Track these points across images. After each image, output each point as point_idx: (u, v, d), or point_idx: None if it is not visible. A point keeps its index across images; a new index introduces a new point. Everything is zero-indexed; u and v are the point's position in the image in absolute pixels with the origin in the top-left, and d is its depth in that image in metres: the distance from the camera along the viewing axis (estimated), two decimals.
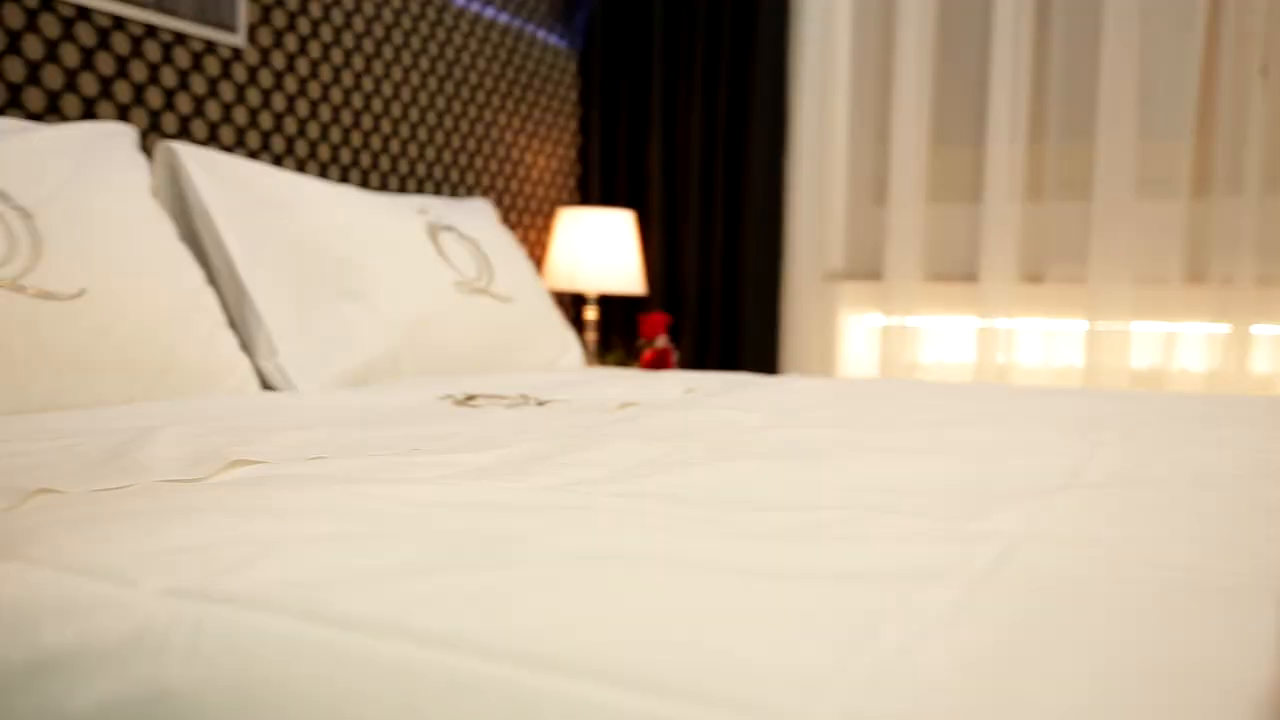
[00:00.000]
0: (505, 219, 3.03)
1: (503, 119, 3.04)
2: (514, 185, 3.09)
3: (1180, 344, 2.76)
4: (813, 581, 0.66)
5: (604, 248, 2.98)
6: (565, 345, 2.54)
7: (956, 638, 0.56)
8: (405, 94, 2.68)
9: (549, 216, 3.23)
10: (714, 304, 3.22)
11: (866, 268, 3.16)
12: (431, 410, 1.56)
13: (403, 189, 2.68)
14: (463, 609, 0.61)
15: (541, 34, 3.20)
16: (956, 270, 3.02)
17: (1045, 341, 2.94)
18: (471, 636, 0.57)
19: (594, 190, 3.35)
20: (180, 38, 2.09)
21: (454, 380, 1.99)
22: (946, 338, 3.09)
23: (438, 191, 2.80)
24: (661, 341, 2.92)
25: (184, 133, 2.10)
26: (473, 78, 2.92)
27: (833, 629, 0.57)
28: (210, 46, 2.15)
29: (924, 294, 3.04)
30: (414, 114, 2.71)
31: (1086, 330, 2.83)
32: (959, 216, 3.02)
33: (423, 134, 2.74)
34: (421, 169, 2.74)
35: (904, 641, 0.55)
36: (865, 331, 3.23)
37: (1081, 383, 2.85)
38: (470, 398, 1.69)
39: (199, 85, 2.13)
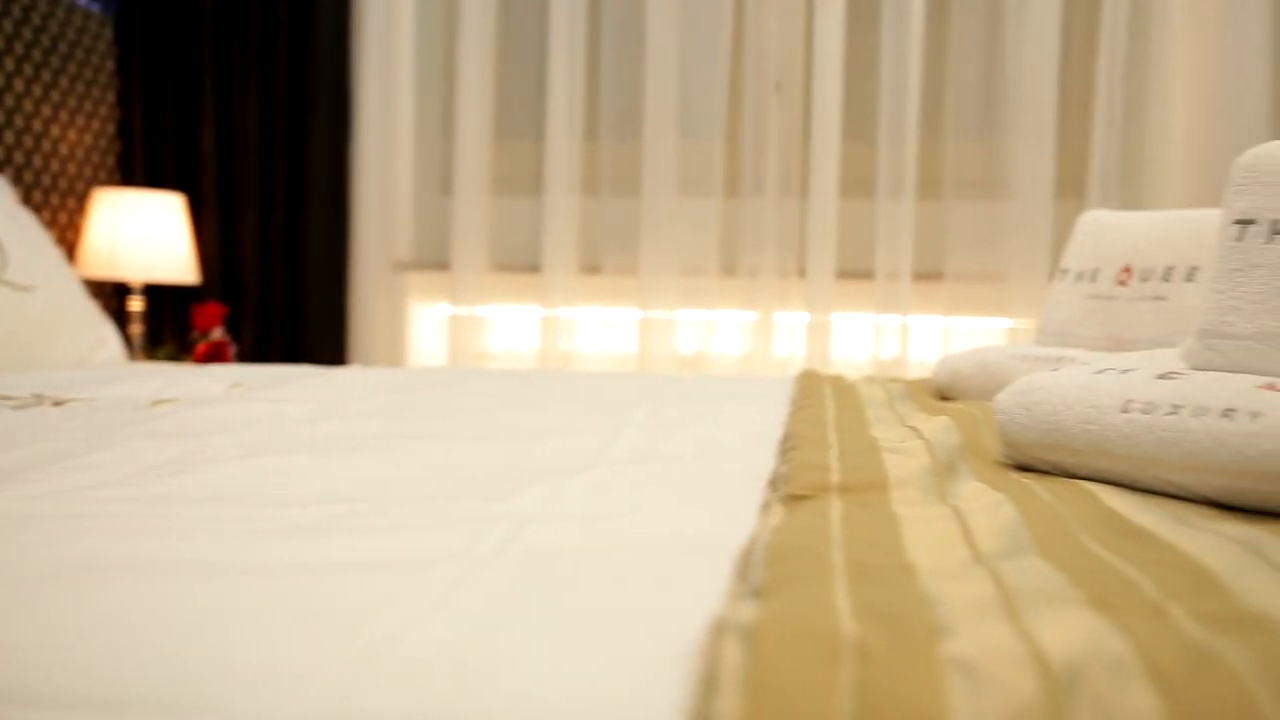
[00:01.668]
0: (27, 200, 2.70)
1: (19, 85, 2.69)
2: (37, 162, 2.75)
3: (718, 330, 3.05)
4: (314, 575, 0.65)
5: (150, 233, 2.74)
6: (102, 339, 2.32)
7: (447, 620, 0.58)
8: None
9: (84, 198, 2.92)
10: (276, 294, 3.08)
11: (434, 258, 3.17)
12: None
13: None
14: None
15: None
16: (520, 261, 3.12)
17: (603, 329, 3.12)
18: None
19: (138, 170, 3.07)
20: None
21: None
22: (513, 327, 3.18)
23: None
24: (217, 334, 2.75)
25: None
26: None
27: (322, 622, 0.57)
28: None
29: (490, 284, 3.11)
30: None
31: (639, 318, 3.04)
32: (522, 209, 3.12)
33: None
34: None
35: (393, 629, 0.56)
36: (434, 321, 3.25)
37: (636, 367, 3.06)
38: None
39: None
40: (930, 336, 2.97)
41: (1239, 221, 0.99)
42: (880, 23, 2.88)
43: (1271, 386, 0.89)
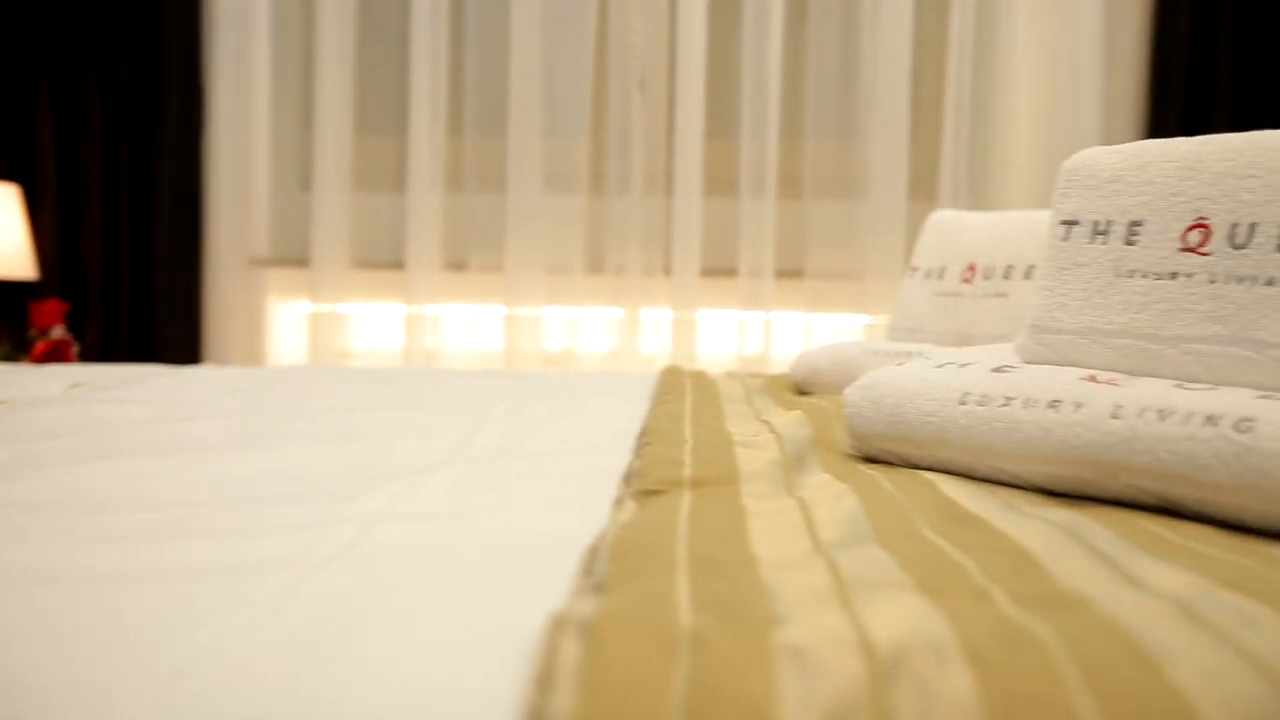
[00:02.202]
0: None
1: None
2: None
3: (584, 327, 3.05)
4: (144, 582, 0.63)
5: None
6: None
7: (279, 624, 0.57)
8: None
9: None
10: (123, 291, 2.95)
11: (293, 254, 3.08)
12: None
13: None
14: None
15: None
16: (383, 258, 3.06)
17: (470, 326, 3.09)
18: None
19: None
20: None
21: None
22: (376, 324, 3.12)
23: None
24: (58, 332, 2.62)
25: None
26: None
27: (144, 631, 0.55)
28: None
29: (352, 281, 3.04)
30: None
31: (505, 315, 3.02)
32: (384, 205, 3.06)
33: None
34: None
35: (220, 636, 0.54)
36: (294, 319, 3.16)
37: (502, 365, 3.04)
38: None
39: None
40: (792, 332, 3.04)
41: (1065, 222, 1.04)
42: (741, 23, 2.93)
43: (1093, 378, 0.94)
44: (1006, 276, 1.65)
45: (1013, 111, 2.97)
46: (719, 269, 2.99)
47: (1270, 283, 0.88)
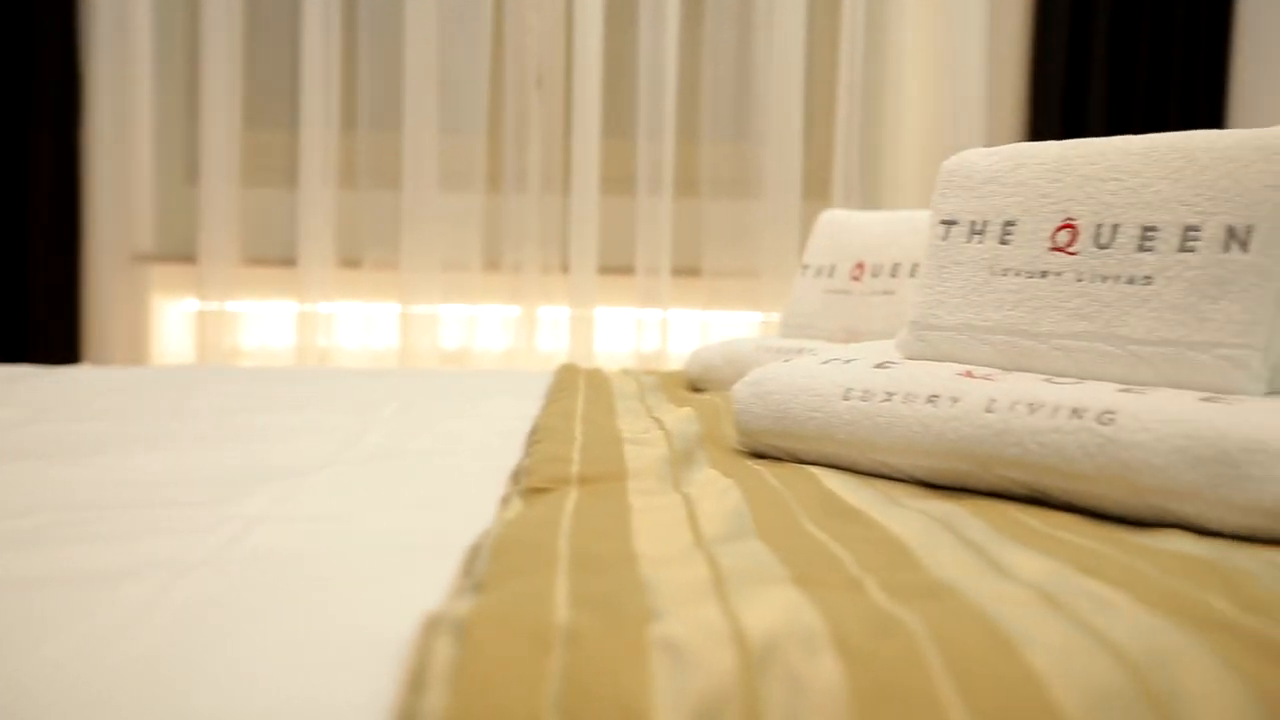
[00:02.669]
0: None
1: None
2: None
3: (481, 325, 3.03)
4: (3, 590, 0.60)
5: None
6: None
7: (145, 631, 0.55)
8: None
9: None
10: None
11: (179, 250, 2.98)
12: None
13: None
14: None
15: None
16: (275, 255, 2.99)
17: (364, 325, 3.03)
18: None
19: None
20: None
21: None
22: (267, 322, 3.04)
23: None
24: None
25: None
26: None
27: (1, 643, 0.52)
28: None
29: (242, 278, 2.96)
30: None
31: (400, 313, 2.97)
32: (275, 200, 2.98)
33: None
34: None
35: (82, 644, 0.53)
36: (181, 317, 3.06)
37: (398, 363, 2.99)
38: None
39: None
40: (690, 330, 3.06)
41: (943, 222, 1.07)
42: (638, 24, 2.94)
43: (970, 374, 0.97)
44: (894, 274, 1.69)
45: (902, 114, 3.05)
46: (616, 267, 3.00)
47: (1131, 281, 0.91)
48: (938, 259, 1.07)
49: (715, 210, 3.02)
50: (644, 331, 3.01)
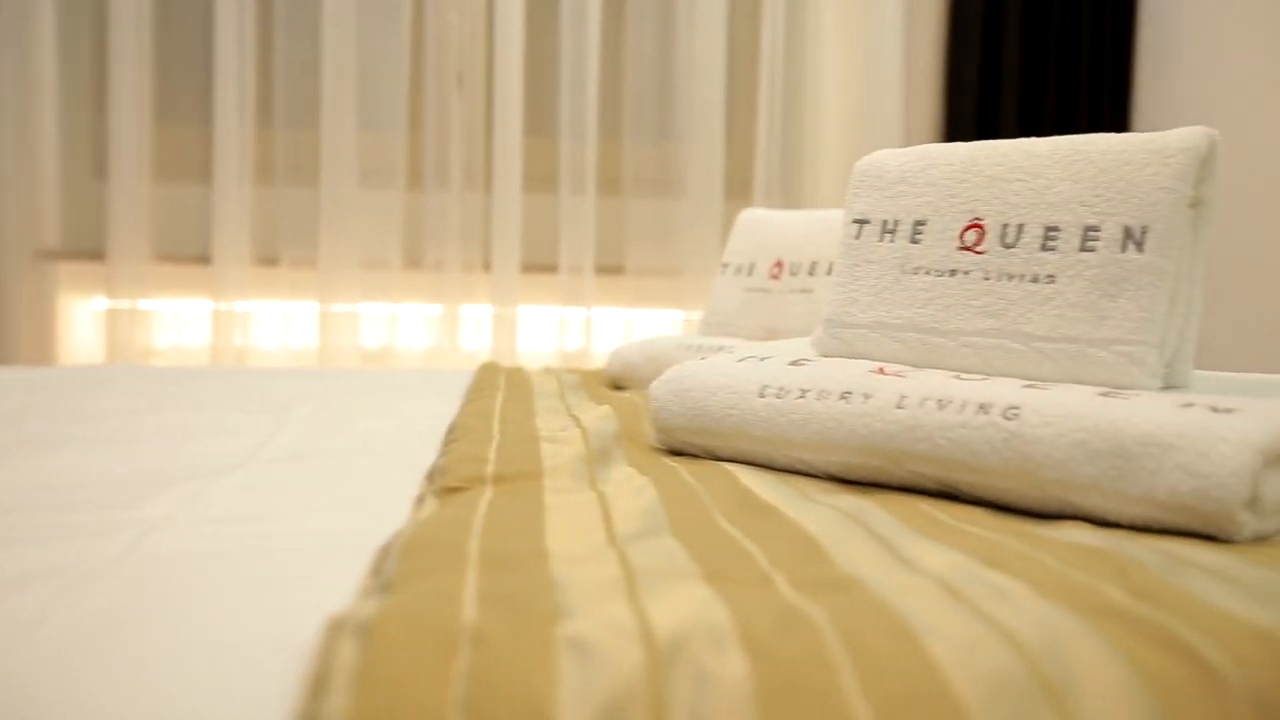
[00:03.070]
0: None
1: None
2: None
3: (403, 323, 2.99)
4: None
5: None
6: None
7: (39, 641, 0.53)
8: None
9: None
10: None
11: (88, 247, 2.90)
12: None
13: None
14: None
15: None
16: (188, 252, 2.92)
17: (282, 324, 2.98)
18: None
19: None
20: None
21: None
22: (181, 321, 2.97)
23: None
24: None
25: None
26: None
27: None
28: None
29: (154, 276, 2.89)
30: None
31: (319, 312, 2.93)
32: (189, 197, 2.91)
33: None
34: None
35: None
36: (90, 315, 2.98)
37: (317, 363, 2.94)
38: None
39: None
40: (613, 328, 3.06)
41: (856, 221, 1.09)
42: (559, 22, 2.93)
43: (882, 370, 0.99)
44: (811, 273, 1.71)
45: (821, 114, 3.08)
46: (539, 265, 2.99)
47: (1035, 280, 0.94)
48: (850, 258, 1.09)
49: (638, 209, 3.02)
50: (567, 330, 3.01)
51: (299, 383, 1.80)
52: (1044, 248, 0.94)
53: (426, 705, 0.46)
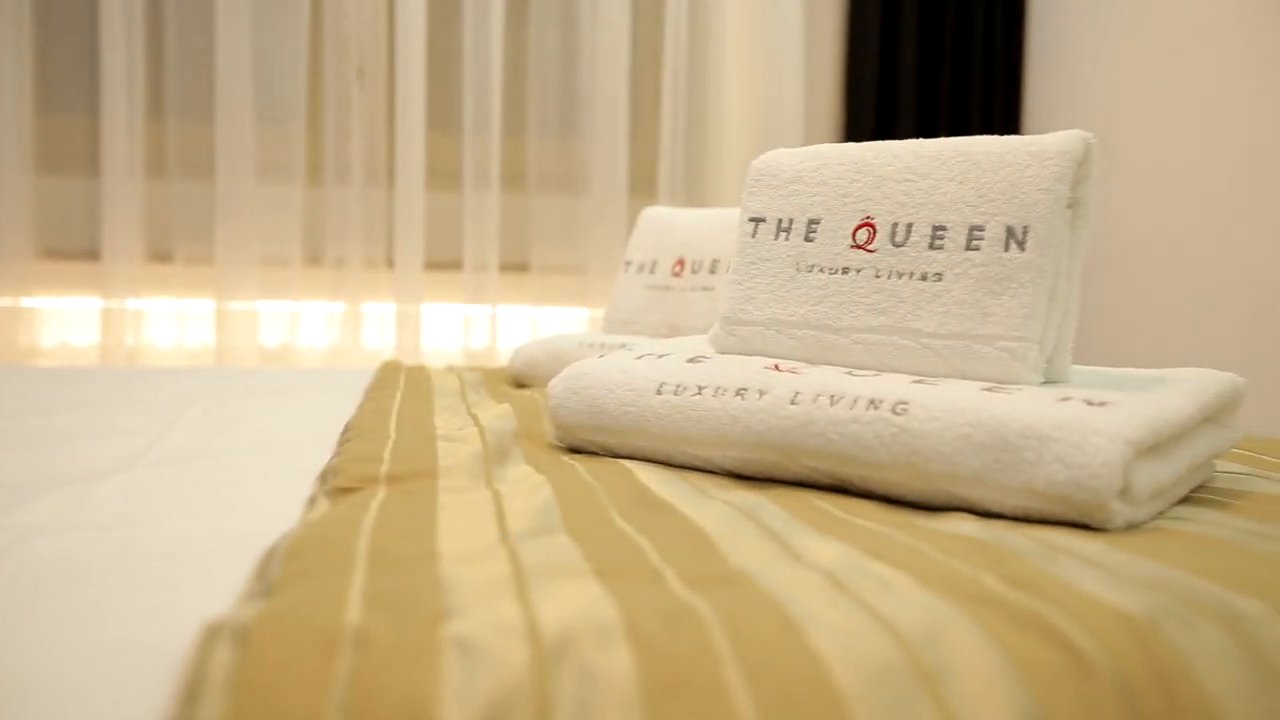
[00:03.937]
0: None
1: None
2: None
3: (304, 321, 2.93)
4: None
5: None
6: None
7: None
8: None
9: None
10: None
11: None
12: None
13: None
14: None
15: None
16: (76, 248, 2.81)
17: (177, 322, 2.89)
18: None
19: None
20: None
21: None
22: (68, 319, 2.87)
23: None
24: None
25: None
26: None
27: None
28: None
29: (37, 272, 2.78)
30: None
31: (215, 310, 2.85)
32: (75, 190, 2.81)
33: None
34: None
35: None
36: None
37: (214, 362, 2.87)
38: None
39: None
40: (519, 326, 3.04)
41: (752, 219, 1.10)
42: (462, 16, 2.90)
43: (777, 367, 1.00)
44: (713, 270, 1.73)
45: (724, 113, 3.11)
46: (443, 262, 2.96)
47: (924, 278, 0.96)
48: (747, 256, 1.10)
49: (542, 206, 3.01)
50: (472, 328, 2.98)
51: (192, 382, 1.75)
52: (932, 246, 0.96)
53: (304, 708, 0.45)
